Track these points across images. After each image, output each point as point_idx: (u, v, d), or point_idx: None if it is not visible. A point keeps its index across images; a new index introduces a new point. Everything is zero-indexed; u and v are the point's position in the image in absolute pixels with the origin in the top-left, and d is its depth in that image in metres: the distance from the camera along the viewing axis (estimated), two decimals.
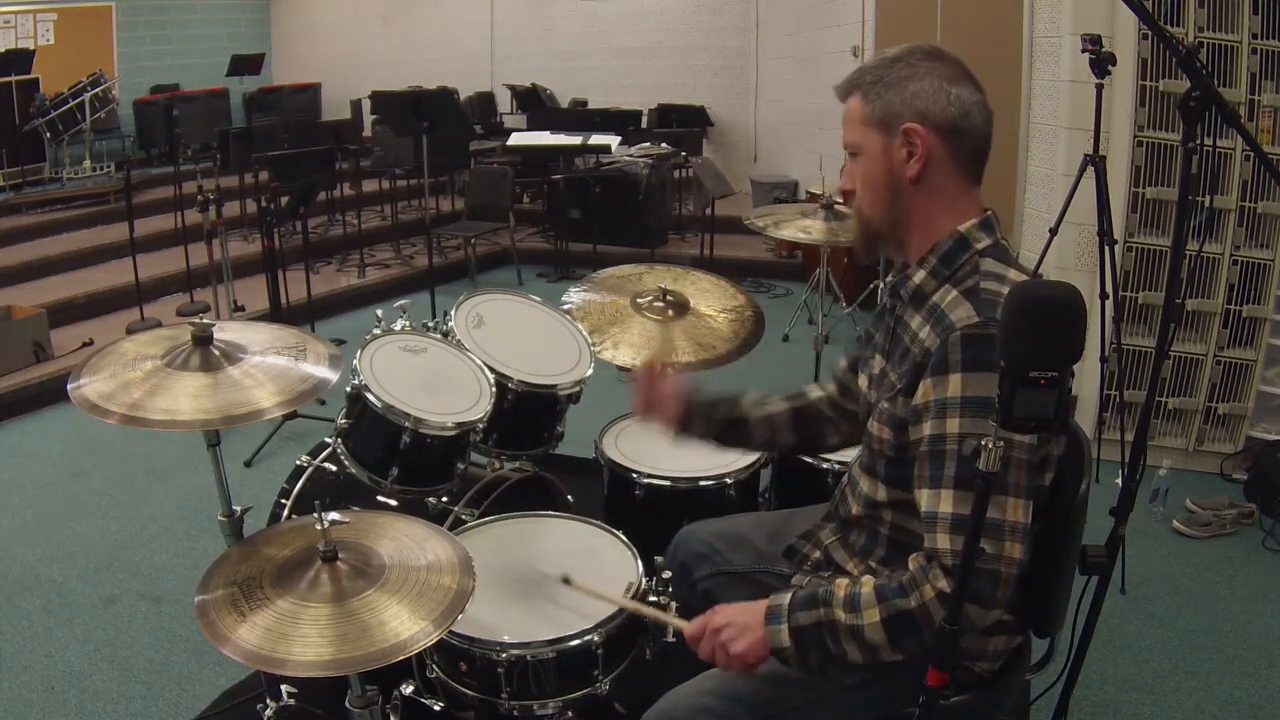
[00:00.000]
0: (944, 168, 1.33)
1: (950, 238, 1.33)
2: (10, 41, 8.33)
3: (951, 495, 1.21)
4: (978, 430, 1.18)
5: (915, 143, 1.31)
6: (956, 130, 1.31)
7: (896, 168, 1.34)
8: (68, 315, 5.29)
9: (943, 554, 1.20)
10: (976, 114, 1.32)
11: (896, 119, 1.32)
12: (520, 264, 7.02)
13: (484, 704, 1.62)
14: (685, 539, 1.79)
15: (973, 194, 1.36)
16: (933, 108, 1.30)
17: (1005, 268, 1.29)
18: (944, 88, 1.30)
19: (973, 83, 1.33)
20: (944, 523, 1.21)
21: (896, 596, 1.23)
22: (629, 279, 2.61)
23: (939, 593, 1.19)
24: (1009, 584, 1.19)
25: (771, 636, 1.30)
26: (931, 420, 1.24)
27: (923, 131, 1.30)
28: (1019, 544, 1.19)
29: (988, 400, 1.16)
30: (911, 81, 1.31)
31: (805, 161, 7.45)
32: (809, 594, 1.31)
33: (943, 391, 1.23)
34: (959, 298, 1.26)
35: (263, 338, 1.72)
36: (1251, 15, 3.16)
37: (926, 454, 1.25)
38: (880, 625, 1.23)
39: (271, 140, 6.80)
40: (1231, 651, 2.50)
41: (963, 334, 1.22)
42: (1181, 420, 3.55)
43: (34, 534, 3.17)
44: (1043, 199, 4.02)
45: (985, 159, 1.36)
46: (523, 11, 9.80)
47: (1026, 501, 1.20)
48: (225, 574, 1.40)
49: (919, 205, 1.35)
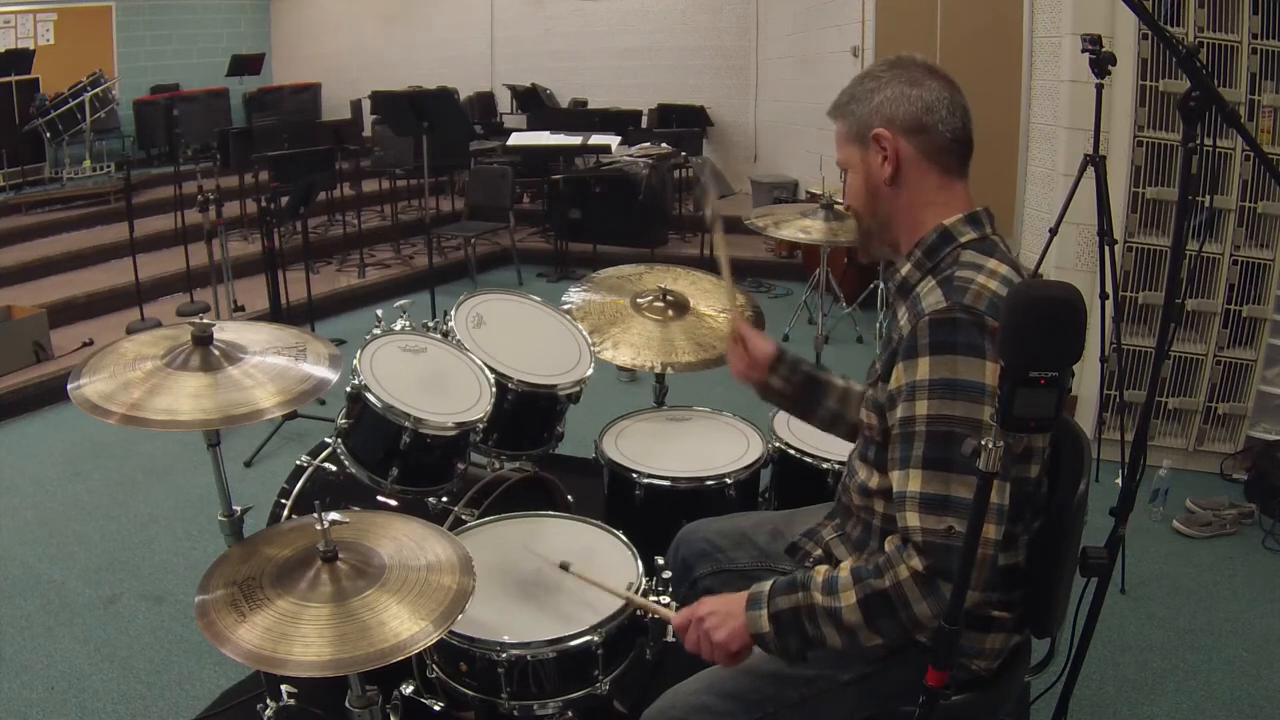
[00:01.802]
0: (917, 165, 1.37)
1: (935, 231, 1.36)
2: (10, 41, 8.33)
3: (920, 475, 1.23)
4: (945, 411, 1.21)
5: (885, 146, 1.37)
6: (921, 127, 1.36)
7: (874, 174, 1.40)
8: (68, 315, 5.29)
9: (913, 532, 1.21)
10: (942, 109, 1.35)
11: (867, 129, 1.39)
12: (520, 264, 7.02)
13: (484, 704, 1.62)
14: (687, 537, 1.80)
15: (955, 188, 1.38)
16: (896, 111, 1.36)
17: (984, 258, 1.31)
18: (904, 91, 1.36)
19: (939, 80, 1.37)
20: (913, 501, 1.22)
21: (871, 577, 1.24)
22: (629, 279, 2.61)
23: (913, 572, 1.21)
24: (986, 565, 1.20)
25: (752, 622, 1.32)
26: (902, 403, 1.27)
27: (888, 135, 1.36)
28: (994, 524, 1.20)
29: (953, 381, 1.21)
30: (876, 93, 1.38)
31: (805, 161, 7.46)
32: (788, 580, 1.33)
33: (912, 375, 1.25)
34: (934, 287, 1.29)
35: (263, 338, 1.73)
36: (1251, 15, 3.16)
37: (898, 436, 1.27)
38: (857, 606, 1.24)
39: (271, 140, 6.79)
40: (1231, 651, 2.50)
41: (930, 319, 1.24)
42: (1181, 420, 3.55)
43: (34, 534, 3.17)
44: (1043, 199, 4.02)
45: (964, 152, 1.39)
46: (523, 11, 9.80)
47: (1003, 484, 1.21)
48: (225, 574, 1.40)
49: (899, 204, 1.39)
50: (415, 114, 5.09)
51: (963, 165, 1.39)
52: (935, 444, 1.22)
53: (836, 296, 5.40)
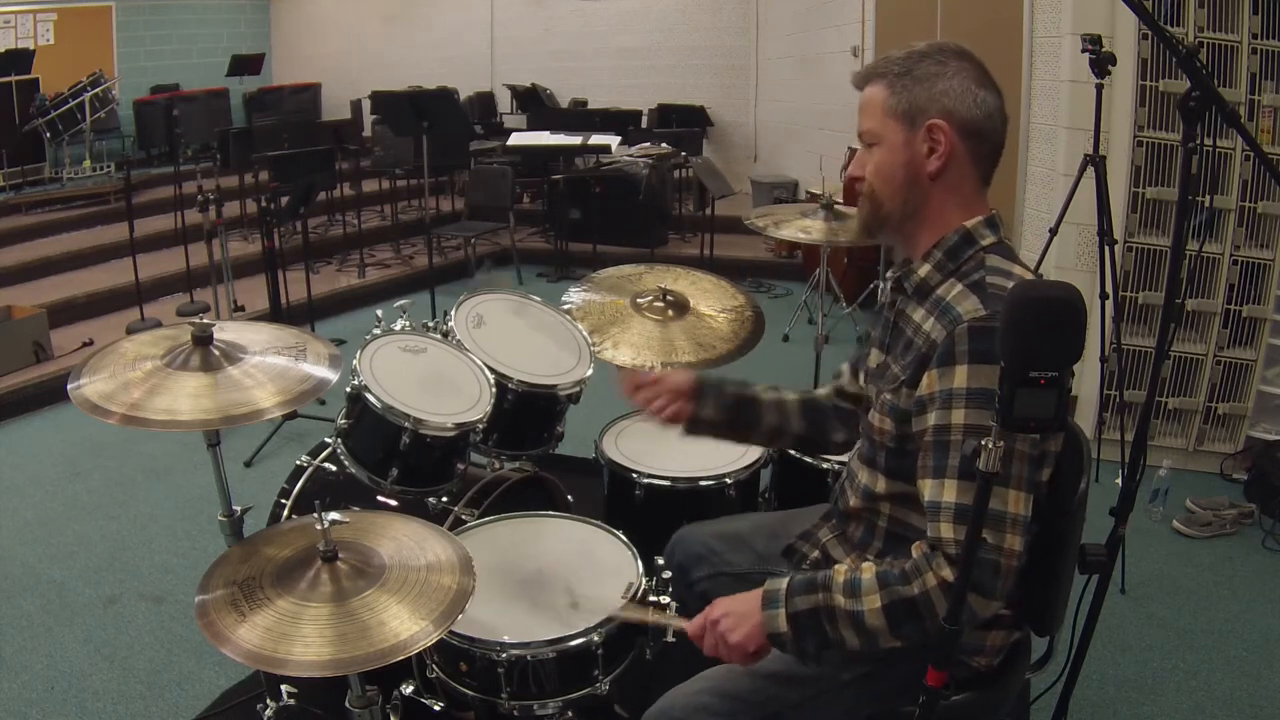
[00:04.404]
0: (963, 167, 1.34)
1: (956, 233, 1.34)
2: (10, 41, 8.33)
3: (955, 485, 1.22)
4: (982, 421, 1.19)
5: (939, 139, 1.32)
6: (979, 133, 1.33)
7: (916, 161, 1.34)
8: (68, 315, 5.29)
9: (946, 543, 1.21)
10: (998, 118, 1.34)
11: (922, 114, 1.32)
12: (520, 264, 7.02)
13: (484, 704, 1.62)
14: (683, 539, 1.79)
15: (983, 194, 1.38)
16: (960, 107, 1.31)
17: (1010, 264, 1.31)
18: (972, 89, 1.32)
19: (995, 88, 1.35)
20: (948, 512, 1.22)
21: (899, 583, 1.23)
22: (629, 279, 2.61)
23: (941, 581, 1.20)
24: (1010, 575, 1.20)
25: (769, 622, 1.30)
26: (937, 410, 1.25)
27: (948, 129, 1.31)
28: (1020, 536, 1.20)
29: (992, 392, 1.17)
30: (940, 79, 1.32)
31: (805, 161, 7.45)
32: (807, 579, 1.31)
33: (948, 382, 1.24)
34: (965, 291, 1.27)
35: (263, 338, 1.72)
36: (1251, 15, 3.16)
37: (931, 444, 1.26)
38: (881, 611, 1.23)
39: (271, 140, 6.79)
40: (1231, 651, 2.50)
41: (970, 326, 1.23)
42: (1181, 420, 3.55)
43: (34, 534, 3.17)
44: (1043, 199, 4.01)
45: (998, 163, 1.38)
46: (523, 11, 9.80)
47: (1027, 494, 1.21)
48: (225, 574, 1.40)
49: (934, 201, 1.36)
50: (415, 114, 5.09)
51: (993, 174, 1.39)
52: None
53: (836, 296, 5.40)
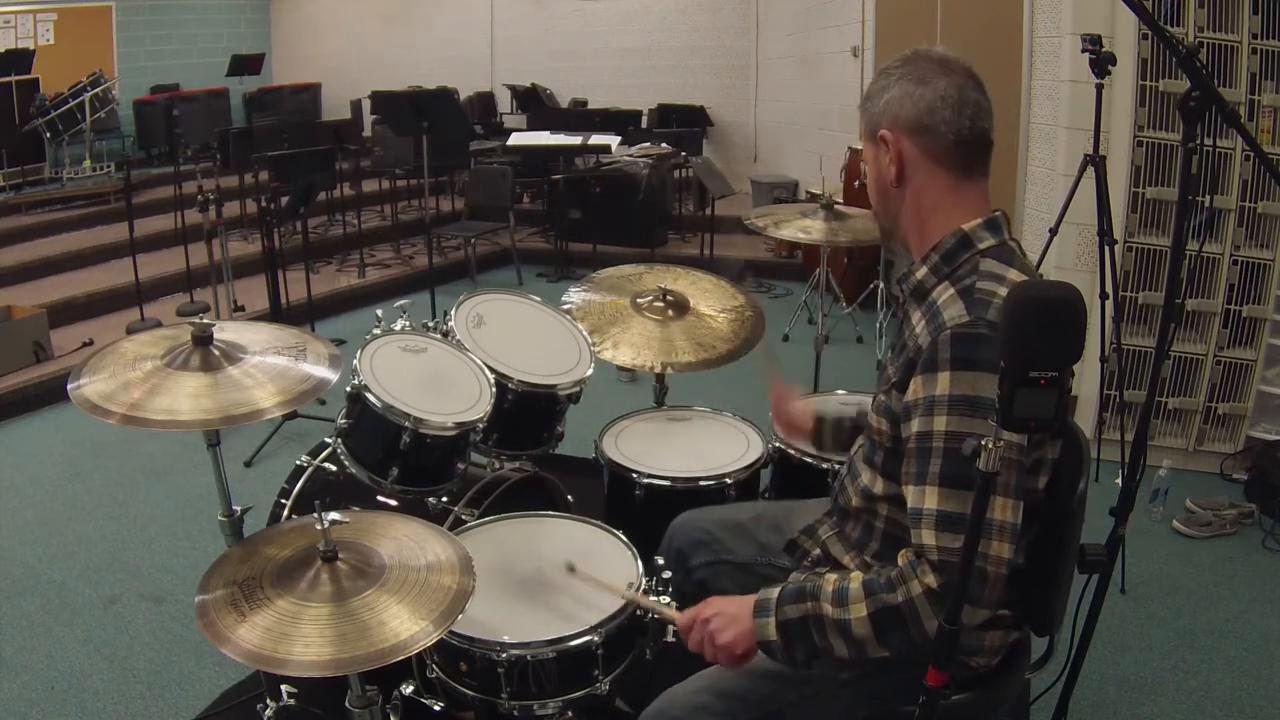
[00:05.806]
0: (922, 167, 1.35)
1: (953, 236, 1.34)
2: (10, 41, 8.33)
3: (937, 492, 1.22)
4: (964, 428, 1.19)
5: (887, 146, 1.36)
6: (923, 128, 1.33)
7: (884, 174, 1.39)
8: (68, 315, 5.29)
9: (929, 550, 1.21)
10: (946, 109, 1.31)
11: (876, 128, 1.38)
12: (520, 264, 7.02)
13: (484, 704, 1.62)
14: (683, 525, 1.79)
15: (969, 190, 1.35)
16: (901, 111, 1.34)
17: (1005, 268, 1.29)
18: (909, 90, 1.33)
19: (951, 77, 1.32)
20: (929, 519, 1.22)
21: (884, 591, 1.24)
22: (629, 279, 2.61)
23: (926, 589, 1.20)
24: (998, 583, 1.20)
25: (759, 629, 1.32)
26: (919, 417, 1.25)
27: (890, 136, 1.35)
28: (1008, 543, 1.19)
29: (974, 399, 1.19)
30: (886, 91, 1.36)
31: (805, 161, 7.45)
32: (797, 588, 1.32)
33: (931, 389, 1.24)
34: (954, 296, 1.27)
35: (263, 338, 1.72)
36: (1251, 15, 3.16)
37: (914, 450, 1.26)
38: (867, 620, 1.24)
39: (271, 140, 6.79)
40: (1231, 651, 2.50)
41: (952, 333, 1.23)
42: (1181, 420, 3.55)
43: (34, 534, 3.17)
44: (1043, 199, 4.01)
45: (977, 152, 1.34)
46: (523, 11, 9.80)
47: (1016, 502, 1.20)
48: (225, 574, 1.40)
49: (906, 205, 1.39)
50: (415, 114, 5.09)
51: (975, 165, 1.35)
52: (952, 461, 1.20)
53: (836, 296, 5.40)
